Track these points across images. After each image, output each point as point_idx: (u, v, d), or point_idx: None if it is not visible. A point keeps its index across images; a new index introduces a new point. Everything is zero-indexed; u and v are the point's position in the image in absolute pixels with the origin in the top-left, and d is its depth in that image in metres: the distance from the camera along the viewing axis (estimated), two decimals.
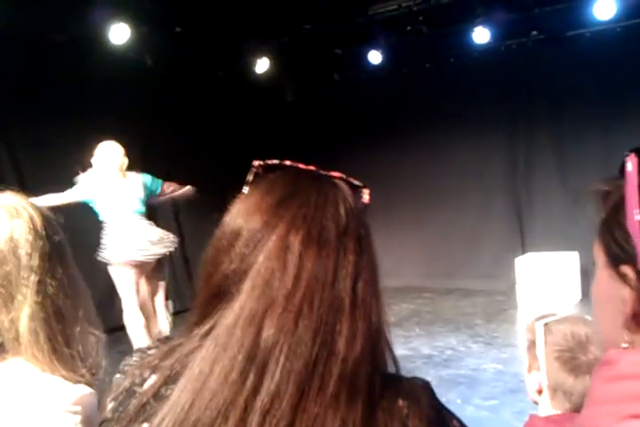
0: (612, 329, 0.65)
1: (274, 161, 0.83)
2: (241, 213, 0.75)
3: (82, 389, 1.04)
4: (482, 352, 5.29)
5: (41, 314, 1.04)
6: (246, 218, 0.74)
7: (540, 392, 1.43)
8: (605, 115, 7.21)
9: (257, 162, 0.83)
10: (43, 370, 1.03)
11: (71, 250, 1.16)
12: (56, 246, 1.11)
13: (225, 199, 0.80)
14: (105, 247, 4.50)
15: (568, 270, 7.00)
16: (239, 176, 0.87)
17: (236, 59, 7.75)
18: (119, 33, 6.28)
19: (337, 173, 0.80)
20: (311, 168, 0.81)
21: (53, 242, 1.10)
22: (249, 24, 6.98)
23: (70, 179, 4.56)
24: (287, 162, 0.82)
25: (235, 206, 0.78)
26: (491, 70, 7.76)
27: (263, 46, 7.66)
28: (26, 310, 1.04)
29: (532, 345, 1.45)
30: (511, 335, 5.82)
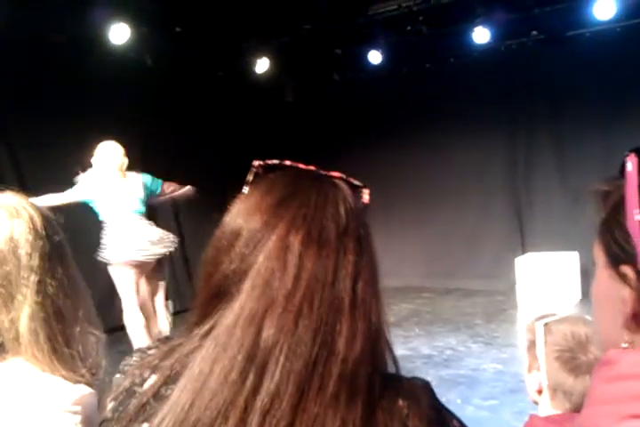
0: (612, 329, 0.65)
1: (274, 161, 0.83)
2: (241, 213, 0.75)
3: (82, 389, 1.04)
4: (482, 352, 5.29)
5: (41, 314, 1.04)
6: (246, 218, 0.74)
7: (540, 392, 1.43)
8: (605, 115, 7.21)
9: (257, 162, 0.83)
10: (43, 370, 1.03)
11: (71, 250, 1.16)
12: (56, 246, 1.11)
13: (225, 199, 0.80)
14: (105, 247, 4.51)
15: (568, 270, 7.00)
16: (239, 176, 0.87)
17: (236, 59, 7.75)
18: (119, 33, 6.28)
19: (337, 173, 0.80)
20: (311, 168, 0.81)
21: (53, 242, 1.10)
22: (249, 24, 6.98)
23: (70, 179, 4.56)
24: (287, 162, 0.82)
25: (235, 206, 0.78)
26: (491, 70, 7.76)
27: (263, 46, 7.66)
28: (26, 310, 1.03)
29: (532, 345, 1.45)
30: (511, 335, 5.82)
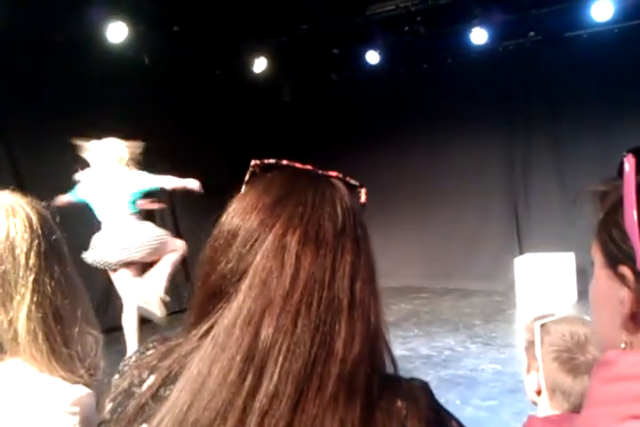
0: (611, 330, 0.65)
1: (271, 160, 0.83)
2: (238, 213, 0.75)
3: (80, 389, 1.04)
4: (480, 353, 5.29)
5: (39, 314, 1.04)
6: (243, 217, 0.74)
7: (539, 393, 1.42)
8: (603, 116, 7.22)
9: (254, 161, 0.83)
10: (41, 371, 1.02)
11: (69, 250, 1.16)
12: (53, 245, 1.10)
13: (223, 198, 0.80)
14: (93, 246, 4.48)
15: (565, 271, 7.01)
16: (237, 176, 0.87)
17: (234, 58, 7.74)
18: (117, 32, 6.28)
19: (334, 173, 0.80)
20: (308, 168, 0.81)
21: (50, 241, 1.10)
22: (247, 24, 6.98)
23: (69, 178, 4.55)
24: (284, 161, 0.82)
25: (232, 206, 0.77)
26: (488, 71, 7.76)
27: (261, 46, 7.65)
28: (24, 311, 1.03)
29: (531, 345, 1.44)
30: (510, 336, 5.82)
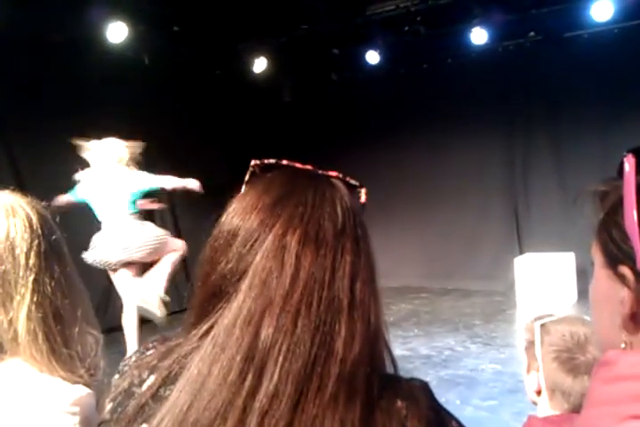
0: (611, 330, 0.65)
1: (270, 160, 0.83)
2: (238, 213, 0.75)
3: (80, 389, 1.03)
4: (480, 353, 5.29)
5: (39, 314, 1.04)
6: (243, 217, 0.74)
7: (539, 393, 1.42)
8: (603, 116, 7.21)
9: (254, 161, 0.83)
10: (41, 371, 1.02)
11: (69, 250, 1.16)
12: (53, 245, 1.10)
13: (223, 198, 0.80)
14: (93, 246, 4.48)
15: (565, 271, 7.01)
16: (237, 176, 0.87)
17: (234, 58, 7.74)
18: (117, 32, 6.28)
19: (334, 173, 0.80)
20: (308, 167, 0.81)
21: (50, 241, 1.10)
22: (247, 24, 6.98)
23: (69, 178, 4.55)
24: (284, 161, 0.82)
25: (232, 206, 0.77)
26: (488, 71, 7.75)
27: (261, 46, 7.65)
28: (24, 311, 1.03)
29: (531, 345, 1.44)
30: (510, 336, 5.82)
